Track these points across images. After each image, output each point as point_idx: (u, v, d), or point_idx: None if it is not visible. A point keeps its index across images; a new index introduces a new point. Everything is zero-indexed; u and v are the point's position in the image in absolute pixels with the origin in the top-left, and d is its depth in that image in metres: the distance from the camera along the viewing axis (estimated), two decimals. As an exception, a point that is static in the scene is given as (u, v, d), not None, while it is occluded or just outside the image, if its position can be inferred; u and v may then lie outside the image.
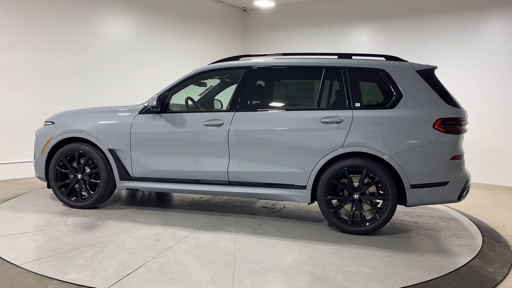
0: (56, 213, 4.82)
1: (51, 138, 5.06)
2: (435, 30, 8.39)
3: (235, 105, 4.68)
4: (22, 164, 6.99)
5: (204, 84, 5.48)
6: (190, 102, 5.23)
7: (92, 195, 4.99)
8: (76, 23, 7.66)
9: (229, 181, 4.66)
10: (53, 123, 5.17)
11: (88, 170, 5.01)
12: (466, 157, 4.53)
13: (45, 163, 5.09)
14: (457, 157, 4.25)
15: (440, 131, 4.20)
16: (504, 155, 7.76)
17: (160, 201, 5.69)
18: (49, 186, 5.15)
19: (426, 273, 3.41)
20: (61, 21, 7.46)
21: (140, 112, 4.89)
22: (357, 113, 4.37)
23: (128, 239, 4.01)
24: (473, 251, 3.99)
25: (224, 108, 5.04)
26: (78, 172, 5.02)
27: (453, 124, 4.22)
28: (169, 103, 4.90)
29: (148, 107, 4.81)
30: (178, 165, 4.76)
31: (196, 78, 4.97)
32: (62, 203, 5.13)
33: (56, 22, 7.40)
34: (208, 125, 4.65)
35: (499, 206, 6.17)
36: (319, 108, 4.51)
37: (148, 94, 5.09)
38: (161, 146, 4.80)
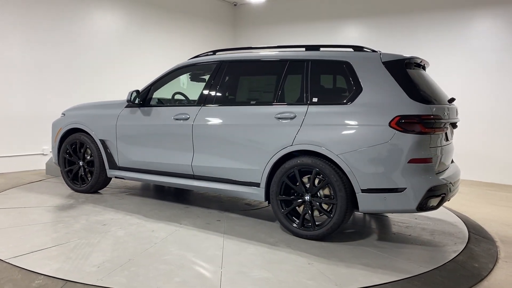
0: (57, 195, 5.40)
1: (61, 128, 5.67)
2: (424, 27, 8.33)
3: (203, 100, 4.71)
4: (8, 158, 7.02)
5: (203, 80, 5.57)
6: (180, 97, 5.40)
7: (89, 181, 5.47)
8: (66, 16, 7.60)
9: (193, 175, 4.71)
10: (65, 115, 5.78)
11: (88, 158, 5.50)
12: (454, 153, 4.24)
13: (57, 150, 5.73)
14: (418, 161, 3.68)
15: (397, 129, 3.69)
16: (492, 152, 7.75)
17: (160, 194, 5.95)
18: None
19: (326, 285, 3.06)
20: (51, 15, 7.37)
21: (126, 106, 5.21)
22: (312, 108, 4.07)
23: (81, 221, 4.34)
24: (459, 247, 3.99)
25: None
26: (80, 159, 5.54)
27: (413, 122, 3.67)
28: (151, 97, 5.12)
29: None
30: (151, 156, 4.96)
31: (177, 73, 5.11)
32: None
33: (46, 15, 7.30)
34: (176, 119, 4.76)
35: (486, 202, 6.15)
36: (277, 103, 4.30)
37: (136, 87, 5.36)
38: (138, 138, 5.05)
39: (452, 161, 4.73)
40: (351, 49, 4.23)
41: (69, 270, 3.15)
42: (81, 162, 5.53)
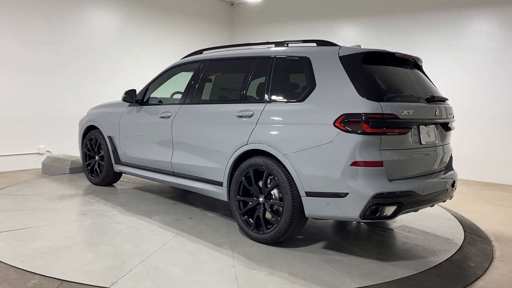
0: (71, 186, 5.90)
1: (83, 125, 6.19)
2: (421, 27, 8.35)
3: (184, 98, 4.79)
4: (3, 158, 6.99)
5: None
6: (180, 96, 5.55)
7: (100, 175, 5.90)
8: (62, 16, 7.57)
9: (173, 172, 4.81)
10: (87, 113, 6.30)
11: (101, 153, 5.92)
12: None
13: (81, 146, 6.27)
14: (363, 164, 3.31)
15: (341, 129, 3.37)
16: (488, 151, 7.79)
17: (165, 190, 6.13)
18: (85, 165, 6.31)
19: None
20: (46, 14, 7.35)
21: (129, 105, 5.50)
22: (269, 106, 3.91)
23: (67, 210, 4.71)
24: (455, 247, 3.99)
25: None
26: (96, 154, 5.99)
27: (356, 122, 3.32)
28: (149, 96, 5.34)
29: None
30: (142, 153, 5.19)
31: (170, 73, 5.25)
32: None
33: (41, 14, 7.27)
34: (161, 117, 4.91)
35: (482, 202, 6.18)
36: (242, 101, 4.21)
37: (133, 86, 5.62)
38: (134, 135, 5.31)
39: (450, 168, 4.19)
40: (314, 44, 3.98)
41: (7, 250, 3.46)
42: (97, 156, 5.98)
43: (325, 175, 3.43)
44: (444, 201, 4.00)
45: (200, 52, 5.07)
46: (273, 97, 3.94)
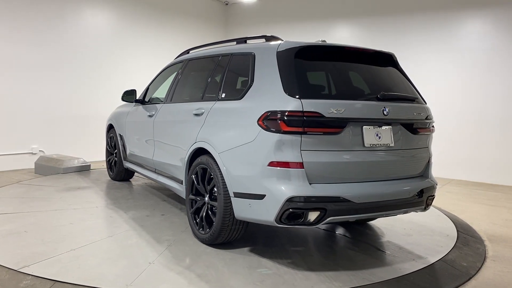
0: (91, 180, 6.36)
1: (107, 124, 6.65)
2: (415, 28, 8.40)
3: (166, 98, 4.91)
4: None
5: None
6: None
7: (115, 170, 6.28)
8: (55, 15, 7.54)
9: (155, 169, 4.95)
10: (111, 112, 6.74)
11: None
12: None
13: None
14: (280, 164, 3.08)
15: (262, 127, 3.19)
16: (479, 151, 7.83)
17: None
18: (111, 161, 6.77)
19: (122, 282, 2.94)
20: (40, 14, 7.33)
21: (134, 105, 5.78)
22: (217, 104, 3.84)
23: (63, 200, 5.09)
24: (448, 247, 4.01)
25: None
26: (113, 151, 6.40)
27: (275, 120, 3.11)
28: (151, 96, 5.54)
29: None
30: (137, 150, 5.42)
31: (165, 73, 5.41)
32: (111, 175, 6.64)
33: (35, 15, 7.24)
34: (149, 116, 5.08)
35: (474, 201, 6.18)
36: (202, 100, 4.19)
37: (129, 87, 5.86)
38: (133, 133, 5.56)
39: (425, 175, 3.70)
40: (263, 39, 3.83)
41: (-30, 233, 3.87)
42: (114, 153, 6.38)
43: (246, 175, 3.26)
44: (406, 212, 3.54)
45: (187, 52, 5.14)
46: (223, 95, 3.86)
